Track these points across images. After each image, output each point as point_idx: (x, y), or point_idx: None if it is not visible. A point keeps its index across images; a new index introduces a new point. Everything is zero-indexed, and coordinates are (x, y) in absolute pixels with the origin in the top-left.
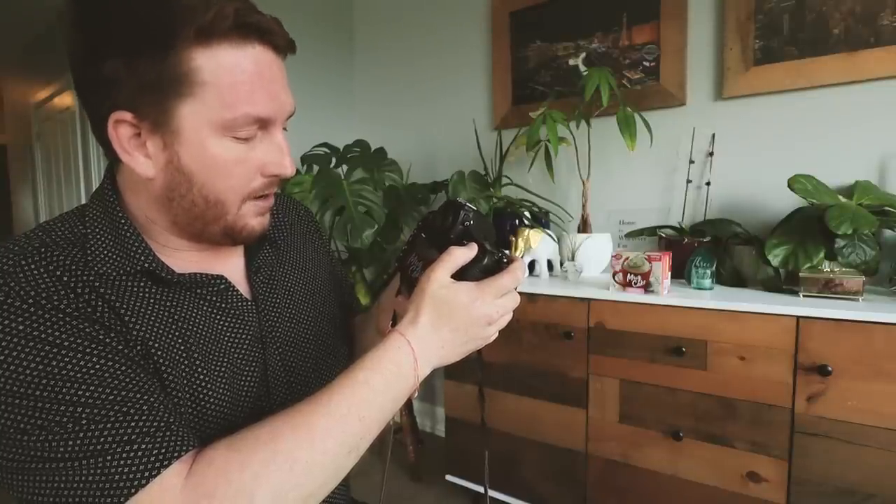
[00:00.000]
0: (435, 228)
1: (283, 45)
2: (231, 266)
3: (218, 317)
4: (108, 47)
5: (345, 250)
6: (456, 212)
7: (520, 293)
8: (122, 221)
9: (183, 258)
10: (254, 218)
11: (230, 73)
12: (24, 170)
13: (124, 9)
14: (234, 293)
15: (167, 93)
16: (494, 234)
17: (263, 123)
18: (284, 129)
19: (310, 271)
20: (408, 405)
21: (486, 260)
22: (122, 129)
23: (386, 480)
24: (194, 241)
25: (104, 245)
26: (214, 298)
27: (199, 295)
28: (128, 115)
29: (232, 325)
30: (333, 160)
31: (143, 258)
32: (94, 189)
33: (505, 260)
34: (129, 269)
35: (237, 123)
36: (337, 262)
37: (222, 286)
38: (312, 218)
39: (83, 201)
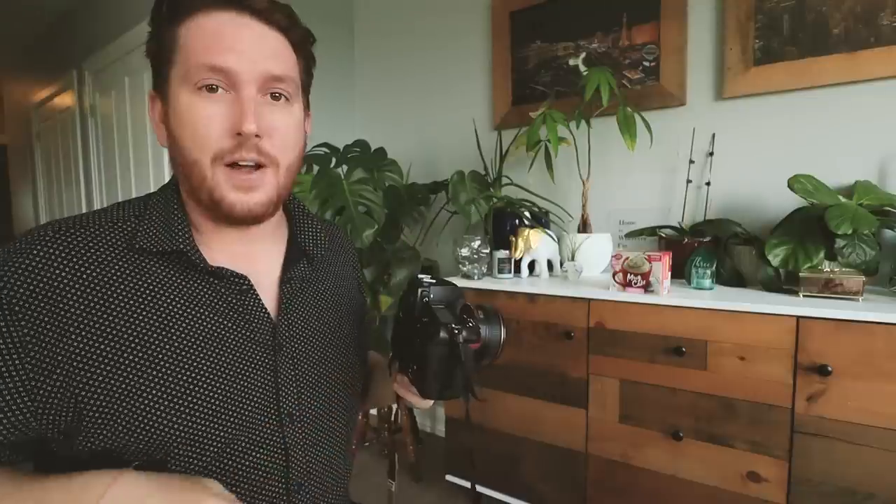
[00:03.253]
0: (407, 307)
1: (264, 11)
2: (264, 273)
3: (229, 314)
4: (148, 42)
5: None
6: (414, 290)
7: (520, 293)
8: (175, 206)
9: (221, 250)
10: (231, 191)
11: (197, 33)
12: (24, 170)
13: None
14: (253, 296)
15: (163, 64)
16: (461, 296)
17: (229, 78)
18: (283, 98)
19: (340, 292)
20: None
21: (441, 334)
22: (155, 105)
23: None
24: (207, 218)
25: (154, 223)
26: (232, 299)
27: (218, 293)
28: (153, 92)
29: (240, 325)
30: (333, 160)
31: (180, 240)
32: (93, 189)
33: (463, 333)
34: (166, 247)
35: (195, 72)
36: (365, 300)
37: (244, 286)
38: (353, 248)
39: (83, 201)
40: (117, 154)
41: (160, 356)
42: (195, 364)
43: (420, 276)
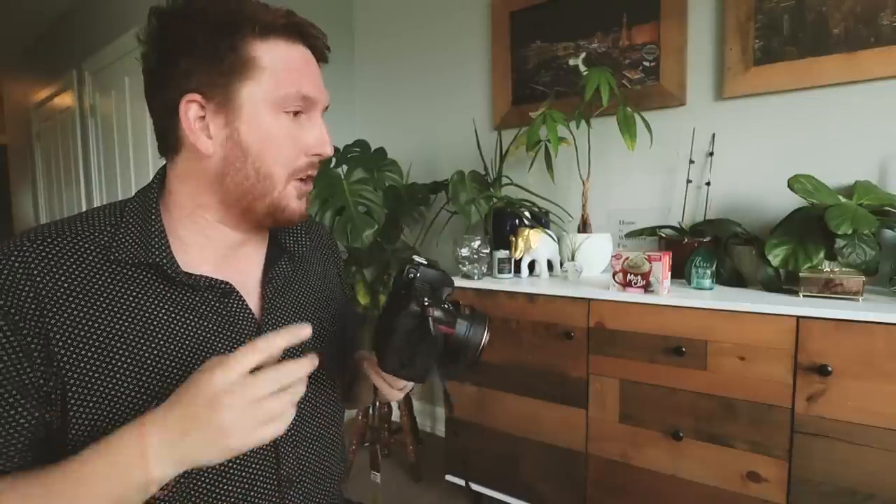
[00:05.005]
0: (394, 284)
1: (320, 49)
2: (247, 274)
3: (213, 317)
4: (186, 47)
5: (345, 250)
6: (403, 268)
7: (520, 293)
8: (152, 216)
9: (203, 258)
10: (295, 200)
11: (283, 60)
12: (24, 170)
13: (202, 15)
14: (236, 299)
15: (232, 77)
16: (449, 284)
17: (308, 105)
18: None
19: (322, 289)
20: (408, 405)
21: (412, 306)
22: (192, 109)
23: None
24: (236, 222)
25: (130, 235)
26: (215, 303)
27: (201, 298)
28: (197, 97)
29: (225, 328)
30: (333, 160)
31: (156, 252)
32: (93, 189)
33: (436, 312)
34: (143, 260)
35: (288, 99)
36: (349, 294)
37: (227, 290)
38: (335, 243)
39: (83, 201)
40: (117, 154)
41: (146, 362)
42: (181, 368)
43: (414, 257)
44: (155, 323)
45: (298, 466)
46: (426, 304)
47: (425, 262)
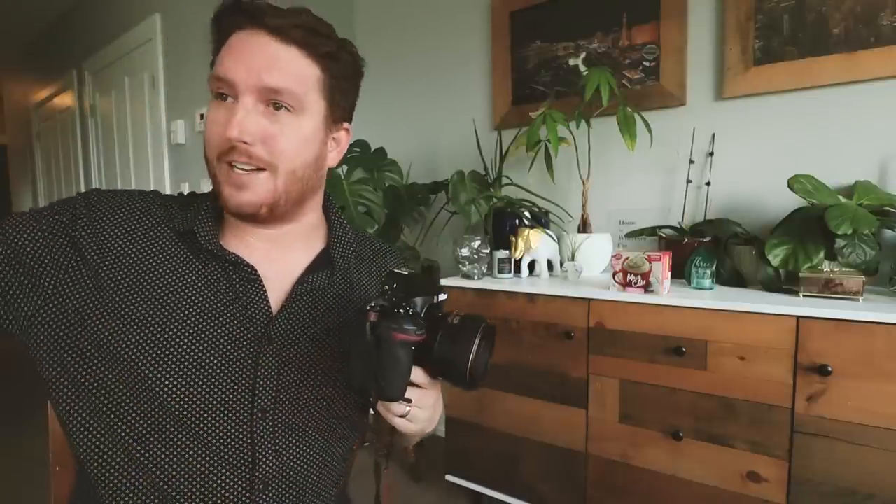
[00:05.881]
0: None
1: (278, 27)
2: (286, 273)
3: (232, 297)
4: None
5: None
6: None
7: (520, 293)
8: (210, 198)
9: (244, 244)
10: (226, 187)
11: (223, 49)
12: (24, 169)
13: None
14: (258, 287)
15: None
16: (430, 292)
17: (231, 88)
18: (285, 109)
19: (354, 308)
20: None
21: (366, 308)
22: None
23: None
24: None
25: (186, 208)
26: (239, 286)
27: (228, 275)
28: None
29: (237, 310)
30: None
31: (196, 222)
32: (93, 188)
33: (376, 309)
34: (187, 227)
35: (211, 82)
36: None
37: (252, 276)
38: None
39: None
40: (117, 154)
41: (154, 309)
42: (181, 328)
43: (400, 269)
44: (178, 282)
45: (279, 473)
46: (372, 307)
47: (404, 272)
